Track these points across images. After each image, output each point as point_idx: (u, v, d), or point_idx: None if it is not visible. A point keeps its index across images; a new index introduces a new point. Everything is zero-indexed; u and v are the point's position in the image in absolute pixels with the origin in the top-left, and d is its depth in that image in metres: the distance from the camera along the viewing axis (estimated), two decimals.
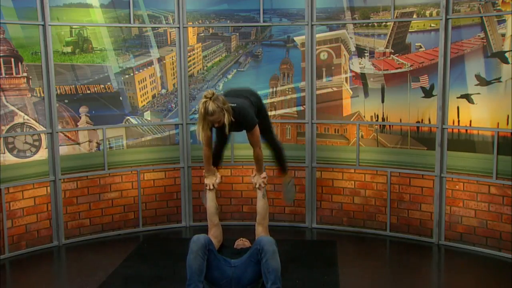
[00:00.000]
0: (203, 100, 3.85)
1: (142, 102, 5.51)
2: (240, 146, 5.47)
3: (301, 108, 5.52)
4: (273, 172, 5.31)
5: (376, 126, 5.31)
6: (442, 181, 5.00)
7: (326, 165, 5.52)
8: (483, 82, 4.71)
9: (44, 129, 5.02)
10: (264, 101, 4.93)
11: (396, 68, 5.15)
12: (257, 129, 4.15)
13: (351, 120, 5.39)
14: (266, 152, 4.57)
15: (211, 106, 3.83)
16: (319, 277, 4.25)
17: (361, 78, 5.31)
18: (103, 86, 5.32)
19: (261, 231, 4.06)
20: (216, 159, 4.67)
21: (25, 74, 4.88)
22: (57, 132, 5.07)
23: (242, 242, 4.18)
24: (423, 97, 5.04)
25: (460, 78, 4.83)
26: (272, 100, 5.58)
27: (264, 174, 4.29)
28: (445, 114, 4.92)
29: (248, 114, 4.11)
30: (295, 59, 5.51)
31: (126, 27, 5.35)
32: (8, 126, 4.81)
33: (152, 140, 5.58)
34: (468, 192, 4.88)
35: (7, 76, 4.78)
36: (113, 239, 5.35)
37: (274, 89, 5.47)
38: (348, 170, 5.45)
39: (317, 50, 5.42)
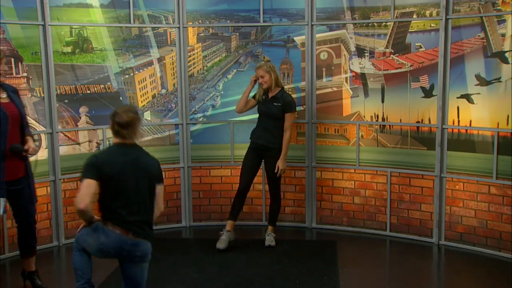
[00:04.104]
0: None
1: (142, 102, 5.51)
2: (240, 146, 5.46)
3: (301, 108, 5.51)
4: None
5: (376, 126, 5.31)
6: (442, 181, 5.00)
7: (326, 165, 5.52)
8: (483, 82, 4.71)
9: (44, 129, 5.02)
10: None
11: (396, 68, 5.14)
12: (293, 115, 4.90)
13: (351, 120, 5.39)
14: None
15: (263, 62, 4.83)
16: (319, 277, 4.25)
17: (361, 78, 5.31)
18: (103, 86, 5.32)
19: None
20: (238, 202, 4.98)
21: (25, 74, 4.87)
22: (57, 132, 5.07)
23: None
24: (423, 97, 5.04)
25: (460, 78, 4.83)
26: None
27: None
28: (445, 114, 4.92)
29: (292, 100, 4.89)
30: (295, 59, 5.51)
31: (126, 27, 5.35)
32: None
33: (152, 140, 5.58)
34: (468, 192, 4.88)
35: (7, 76, 4.77)
36: None
37: None
38: (348, 170, 5.45)
39: (317, 50, 5.42)
